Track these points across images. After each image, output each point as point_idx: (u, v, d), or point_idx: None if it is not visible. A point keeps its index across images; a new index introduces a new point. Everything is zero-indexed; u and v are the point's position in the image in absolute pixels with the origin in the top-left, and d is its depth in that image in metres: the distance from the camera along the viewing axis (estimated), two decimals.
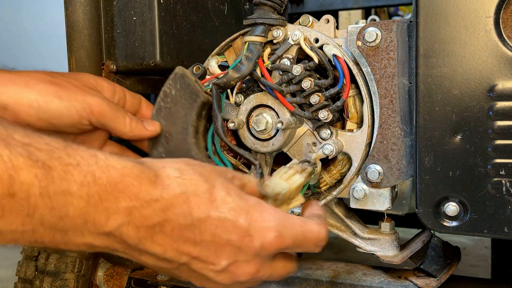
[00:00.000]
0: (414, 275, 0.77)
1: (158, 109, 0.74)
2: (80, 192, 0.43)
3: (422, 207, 0.65)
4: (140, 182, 0.46)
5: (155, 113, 0.73)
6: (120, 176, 0.45)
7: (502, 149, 0.60)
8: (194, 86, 0.72)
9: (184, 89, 0.73)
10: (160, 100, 0.73)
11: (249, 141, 0.76)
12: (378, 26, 0.68)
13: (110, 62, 0.80)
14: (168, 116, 0.73)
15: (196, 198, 0.50)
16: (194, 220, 0.49)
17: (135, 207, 0.46)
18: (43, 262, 0.90)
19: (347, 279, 0.79)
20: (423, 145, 0.64)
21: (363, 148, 0.71)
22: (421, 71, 0.63)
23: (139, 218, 0.47)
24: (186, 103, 0.73)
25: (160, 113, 0.74)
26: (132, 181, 0.46)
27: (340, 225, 0.78)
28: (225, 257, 0.52)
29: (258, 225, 0.52)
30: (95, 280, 0.92)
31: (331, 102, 0.71)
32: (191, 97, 0.72)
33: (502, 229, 0.62)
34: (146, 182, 0.47)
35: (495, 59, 0.60)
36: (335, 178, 0.75)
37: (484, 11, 0.60)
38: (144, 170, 0.47)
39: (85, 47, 0.75)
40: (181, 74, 0.73)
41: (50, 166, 0.41)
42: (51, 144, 0.43)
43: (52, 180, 0.41)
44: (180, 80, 0.73)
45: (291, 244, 0.53)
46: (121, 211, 0.46)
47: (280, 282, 0.82)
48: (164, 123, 0.73)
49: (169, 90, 0.73)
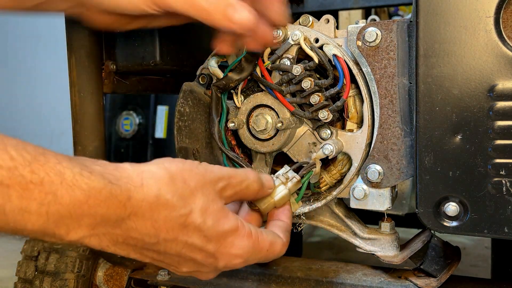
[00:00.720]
0: (414, 275, 0.77)
1: (178, 129, 0.75)
2: (39, 210, 0.43)
3: (422, 207, 0.65)
4: (107, 204, 0.46)
5: (177, 134, 0.75)
6: (85, 197, 0.44)
7: (502, 149, 0.60)
8: (205, 99, 0.73)
9: (196, 105, 0.74)
10: (177, 120, 0.75)
11: (249, 141, 0.76)
12: (378, 26, 0.68)
13: (110, 62, 0.80)
14: (190, 134, 0.75)
15: (166, 224, 0.50)
16: (160, 240, 0.51)
17: (99, 224, 0.47)
18: (43, 262, 0.90)
19: (347, 279, 0.79)
20: (423, 145, 0.64)
21: (363, 148, 0.71)
22: (421, 71, 0.63)
23: (102, 232, 0.48)
24: (203, 118, 0.74)
25: (182, 132, 0.75)
26: (99, 203, 0.45)
27: (340, 225, 0.78)
28: (187, 267, 0.56)
29: (226, 252, 0.54)
30: (95, 280, 0.92)
31: (331, 102, 0.71)
32: (205, 110, 0.74)
33: (502, 229, 0.62)
34: (115, 205, 0.46)
35: (495, 59, 0.60)
36: (335, 178, 0.75)
37: (484, 11, 0.60)
38: (115, 191, 0.46)
39: (85, 46, 0.75)
40: (189, 90, 0.74)
41: (8, 185, 0.41)
42: (16, 160, 0.41)
43: (9, 199, 0.41)
44: (189, 96, 0.74)
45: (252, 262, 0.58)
46: (83, 226, 0.46)
47: (280, 282, 0.82)
48: (188, 141, 0.75)
49: (182, 109, 0.75)
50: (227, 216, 0.54)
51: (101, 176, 0.46)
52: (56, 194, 0.43)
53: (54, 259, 0.89)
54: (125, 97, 1.74)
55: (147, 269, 0.92)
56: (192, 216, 0.51)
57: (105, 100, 1.70)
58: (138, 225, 0.49)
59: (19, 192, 0.41)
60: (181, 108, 0.76)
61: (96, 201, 0.45)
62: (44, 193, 0.42)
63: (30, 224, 0.43)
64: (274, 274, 0.83)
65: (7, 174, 0.41)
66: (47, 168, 0.43)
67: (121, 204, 0.47)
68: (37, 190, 0.42)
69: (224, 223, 0.54)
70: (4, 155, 0.41)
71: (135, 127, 1.71)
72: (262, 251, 0.57)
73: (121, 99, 1.75)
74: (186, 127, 0.76)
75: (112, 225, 0.48)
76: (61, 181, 0.43)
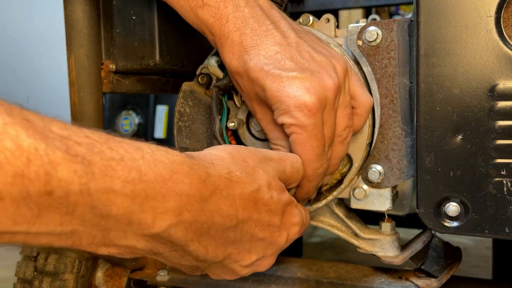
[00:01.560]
0: (415, 276, 0.77)
1: (178, 130, 0.75)
2: (124, 189, 0.38)
3: (422, 207, 0.65)
4: (190, 179, 0.43)
5: (177, 134, 0.75)
6: (169, 172, 0.41)
7: (503, 149, 0.60)
8: (205, 99, 0.72)
9: (196, 105, 0.74)
10: (177, 120, 0.75)
11: (249, 141, 0.76)
12: (378, 26, 0.68)
13: (109, 61, 0.80)
14: (191, 135, 0.75)
15: (241, 201, 0.49)
16: (238, 222, 0.50)
17: (185, 206, 0.43)
18: (42, 263, 0.90)
19: (347, 280, 0.79)
20: (423, 145, 0.64)
21: (363, 148, 0.70)
22: (422, 70, 0.63)
23: (188, 219, 0.44)
24: (203, 119, 0.74)
25: (182, 133, 0.75)
26: (183, 178, 0.42)
27: (340, 225, 0.78)
28: (256, 253, 0.55)
29: (288, 221, 0.56)
30: (95, 280, 0.92)
31: None
32: (206, 111, 0.73)
33: (503, 229, 0.62)
34: (196, 180, 0.44)
35: (496, 58, 0.60)
36: (335, 178, 0.75)
37: (485, 10, 0.60)
38: (194, 166, 0.44)
39: (84, 46, 0.75)
40: (190, 90, 0.74)
41: (90, 161, 0.36)
42: (91, 137, 0.38)
43: (93, 176, 0.36)
44: (189, 96, 0.74)
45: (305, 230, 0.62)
46: (169, 211, 0.42)
47: (280, 282, 0.82)
48: (189, 142, 0.74)
49: (183, 109, 0.75)
50: (284, 190, 0.56)
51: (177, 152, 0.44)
52: (140, 170, 0.39)
53: (53, 260, 0.89)
54: (125, 97, 1.74)
55: (147, 269, 0.91)
56: (261, 191, 0.51)
57: (105, 99, 1.70)
58: (219, 206, 0.46)
59: (102, 169, 0.37)
60: (181, 108, 0.75)
61: (180, 177, 0.42)
62: (128, 170, 0.38)
63: (115, 207, 0.38)
64: (274, 274, 0.82)
65: (87, 151, 0.36)
66: (124, 145, 0.40)
67: (202, 180, 0.44)
68: (120, 167, 0.38)
69: (284, 196, 0.55)
70: (80, 133, 0.37)
71: (134, 127, 1.71)
72: (307, 217, 0.62)
73: (121, 99, 1.74)
74: (186, 127, 0.75)
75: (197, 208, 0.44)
76: (142, 156, 0.40)
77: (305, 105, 0.57)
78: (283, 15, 0.64)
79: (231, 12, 0.60)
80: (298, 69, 0.58)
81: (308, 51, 0.61)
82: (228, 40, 0.60)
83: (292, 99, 0.57)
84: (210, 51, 0.77)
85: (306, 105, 0.57)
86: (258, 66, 0.59)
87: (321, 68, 0.59)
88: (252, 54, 0.59)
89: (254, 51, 0.59)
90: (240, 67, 0.60)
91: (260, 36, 0.60)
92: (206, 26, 0.62)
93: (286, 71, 0.58)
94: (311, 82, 0.57)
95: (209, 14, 0.61)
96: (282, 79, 0.58)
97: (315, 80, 0.58)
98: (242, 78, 0.62)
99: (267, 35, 0.60)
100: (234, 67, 0.61)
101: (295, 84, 0.57)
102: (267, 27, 0.60)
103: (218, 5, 0.60)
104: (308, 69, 0.58)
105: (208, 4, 0.61)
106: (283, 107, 0.58)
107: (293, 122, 0.58)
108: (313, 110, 0.57)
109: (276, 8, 0.64)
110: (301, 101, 0.57)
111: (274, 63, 0.58)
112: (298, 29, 0.64)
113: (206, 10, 0.61)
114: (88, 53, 0.75)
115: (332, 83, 0.59)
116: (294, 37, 0.61)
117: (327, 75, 0.59)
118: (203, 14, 0.61)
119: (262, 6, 0.62)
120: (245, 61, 0.60)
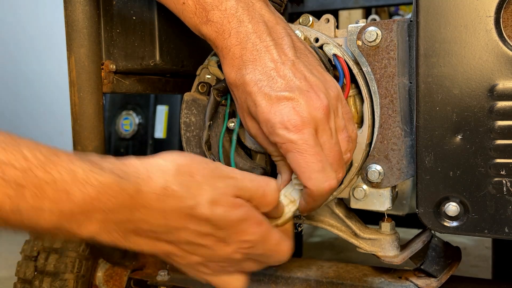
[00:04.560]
0: (414, 276, 0.77)
1: (187, 141, 0.75)
2: (52, 208, 0.44)
3: (422, 207, 0.65)
4: (117, 199, 0.48)
5: (186, 146, 0.75)
6: (96, 193, 0.46)
7: (503, 149, 0.60)
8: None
9: (201, 112, 0.74)
10: (184, 132, 0.75)
11: (249, 141, 0.76)
12: (378, 26, 0.68)
13: (109, 61, 0.80)
14: (200, 143, 0.74)
15: (175, 213, 0.51)
16: (170, 228, 0.52)
17: (110, 219, 0.49)
18: (43, 262, 0.90)
19: (347, 280, 0.79)
20: (423, 145, 0.64)
21: (363, 148, 0.71)
22: (421, 70, 0.63)
23: (113, 227, 0.50)
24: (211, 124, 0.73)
25: (191, 143, 0.75)
26: (109, 197, 0.47)
27: (340, 225, 0.78)
28: (198, 255, 0.56)
29: (237, 238, 0.55)
30: (95, 280, 0.92)
31: None
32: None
33: (502, 229, 0.62)
34: (124, 198, 0.48)
35: (496, 58, 0.60)
36: None
37: (485, 10, 0.60)
38: (125, 186, 0.48)
39: (85, 46, 0.75)
40: (192, 99, 0.74)
41: (23, 185, 0.43)
42: (30, 161, 0.43)
43: (23, 198, 0.43)
44: (193, 105, 0.74)
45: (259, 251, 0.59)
46: (94, 222, 0.48)
47: (280, 282, 0.82)
48: (200, 150, 0.74)
49: (188, 120, 0.75)
50: (240, 206, 0.55)
51: (111, 172, 0.48)
52: (69, 192, 0.45)
53: (53, 259, 0.89)
54: (125, 97, 1.74)
55: (147, 269, 0.91)
56: (199, 208, 0.52)
57: (105, 100, 1.70)
58: (147, 216, 0.50)
59: (33, 191, 0.43)
60: (186, 119, 0.75)
61: (107, 196, 0.47)
62: (57, 192, 0.44)
63: (43, 222, 0.45)
64: (274, 274, 0.82)
65: (21, 175, 0.43)
66: (59, 168, 0.45)
67: (130, 197, 0.48)
68: (50, 189, 0.44)
69: (235, 213, 0.54)
70: (18, 155, 0.43)
71: (134, 127, 1.71)
72: (271, 242, 0.58)
73: (121, 99, 1.74)
74: (194, 136, 0.75)
75: (123, 220, 0.49)
76: (73, 179, 0.45)
77: (289, 122, 0.57)
78: (289, 32, 0.63)
79: (234, 27, 0.61)
80: (288, 88, 0.58)
81: (302, 70, 0.61)
82: (230, 53, 0.61)
83: (279, 117, 0.58)
84: (210, 51, 0.77)
85: (291, 122, 0.57)
86: (253, 81, 0.59)
87: (311, 88, 0.59)
88: (249, 68, 0.60)
89: (251, 65, 0.60)
90: (238, 79, 0.61)
91: (259, 52, 0.60)
92: (210, 40, 0.63)
93: (276, 90, 0.58)
94: (298, 101, 0.58)
95: (213, 29, 0.62)
96: (271, 97, 0.58)
97: (303, 99, 0.58)
98: (238, 91, 0.62)
99: (266, 51, 0.60)
100: (232, 79, 0.62)
101: (283, 103, 0.58)
102: (268, 43, 0.60)
103: (222, 21, 0.61)
104: (298, 89, 0.59)
105: (212, 21, 0.61)
106: (270, 125, 0.58)
107: (282, 141, 0.58)
108: (298, 126, 0.57)
109: (282, 24, 0.64)
110: (286, 119, 0.57)
111: (267, 80, 0.59)
112: (300, 47, 0.64)
113: (210, 26, 0.62)
114: (88, 53, 0.75)
115: (320, 104, 0.58)
116: (291, 55, 0.61)
117: (315, 96, 0.59)
118: (207, 30, 0.62)
119: (267, 22, 0.62)
120: (243, 75, 0.60)
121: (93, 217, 0.47)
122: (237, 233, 0.55)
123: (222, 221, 0.53)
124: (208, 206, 0.52)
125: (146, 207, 0.50)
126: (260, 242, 0.57)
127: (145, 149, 1.69)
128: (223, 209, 0.53)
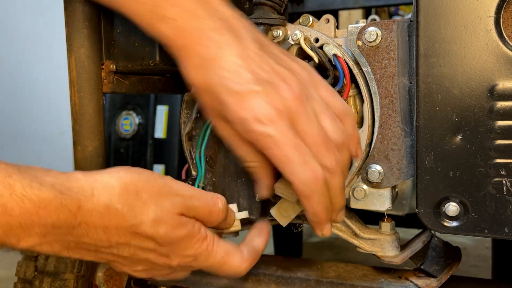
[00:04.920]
0: (414, 276, 0.77)
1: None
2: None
3: (422, 207, 0.65)
4: (57, 215, 0.47)
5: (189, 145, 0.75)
6: (35, 208, 0.46)
7: (503, 149, 0.60)
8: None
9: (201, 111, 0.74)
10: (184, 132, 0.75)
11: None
12: (378, 26, 0.68)
13: (109, 61, 0.80)
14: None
15: (118, 231, 0.52)
16: (112, 243, 0.53)
17: (49, 233, 0.49)
18: (43, 262, 0.90)
19: (347, 280, 0.79)
20: (423, 145, 0.64)
21: (363, 148, 0.71)
22: (421, 70, 0.63)
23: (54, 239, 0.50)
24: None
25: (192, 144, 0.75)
26: (49, 213, 0.47)
27: (340, 225, 0.78)
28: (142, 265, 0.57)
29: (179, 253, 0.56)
30: (95, 280, 0.92)
31: None
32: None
33: (502, 229, 0.62)
34: (65, 215, 0.48)
35: (496, 59, 0.60)
36: None
37: (485, 10, 0.60)
38: (65, 202, 0.48)
39: (85, 46, 0.75)
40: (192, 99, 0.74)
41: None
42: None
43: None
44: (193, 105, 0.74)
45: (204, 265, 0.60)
46: (33, 235, 0.48)
47: (280, 282, 0.82)
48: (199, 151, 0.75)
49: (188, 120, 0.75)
50: (184, 225, 0.55)
51: (52, 187, 0.47)
52: (6, 206, 0.45)
53: (53, 259, 0.89)
54: (125, 97, 1.74)
55: None
56: (142, 226, 0.52)
57: (105, 100, 1.70)
58: (89, 232, 0.51)
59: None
60: (186, 119, 0.75)
61: (46, 212, 0.47)
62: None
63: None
64: (274, 274, 0.82)
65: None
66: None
67: (71, 214, 0.48)
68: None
69: (179, 231, 0.55)
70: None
71: (135, 127, 1.71)
72: (216, 256, 0.58)
73: (121, 99, 1.74)
74: (194, 136, 0.75)
75: (63, 233, 0.49)
76: (11, 194, 0.45)
77: (263, 116, 0.55)
78: (249, 27, 0.61)
79: (192, 25, 0.57)
80: (257, 82, 0.56)
81: (269, 63, 0.59)
82: (190, 53, 0.58)
83: (250, 112, 0.56)
84: None
85: (265, 116, 0.55)
86: (218, 80, 0.56)
87: (280, 79, 0.58)
88: (212, 67, 0.57)
89: (214, 63, 0.57)
90: (201, 81, 0.58)
91: (221, 49, 0.57)
92: (166, 39, 0.60)
93: (244, 85, 0.56)
94: (268, 93, 0.56)
95: (168, 27, 0.58)
96: (240, 93, 0.56)
97: (274, 91, 0.56)
98: (204, 93, 0.59)
99: (229, 47, 0.57)
100: (196, 81, 0.59)
101: (253, 98, 0.56)
102: (229, 39, 0.58)
103: (181, 18, 0.57)
104: (267, 82, 0.57)
105: (167, 17, 0.58)
106: (243, 122, 0.56)
107: (258, 136, 0.56)
108: (272, 118, 0.55)
109: (242, 19, 0.61)
110: (258, 112, 0.55)
111: (233, 77, 0.56)
112: (263, 40, 0.62)
113: (165, 24, 0.58)
114: (88, 53, 0.75)
115: (292, 93, 0.57)
116: (255, 49, 0.59)
117: (286, 85, 0.57)
118: (163, 28, 0.59)
119: (227, 17, 0.59)
120: (206, 75, 0.57)
121: (32, 231, 0.47)
122: (179, 248, 0.56)
123: (165, 238, 0.54)
124: (151, 225, 0.52)
125: (88, 223, 0.50)
126: (203, 256, 0.58)
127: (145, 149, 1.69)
128: (166, 228, 0.53)
